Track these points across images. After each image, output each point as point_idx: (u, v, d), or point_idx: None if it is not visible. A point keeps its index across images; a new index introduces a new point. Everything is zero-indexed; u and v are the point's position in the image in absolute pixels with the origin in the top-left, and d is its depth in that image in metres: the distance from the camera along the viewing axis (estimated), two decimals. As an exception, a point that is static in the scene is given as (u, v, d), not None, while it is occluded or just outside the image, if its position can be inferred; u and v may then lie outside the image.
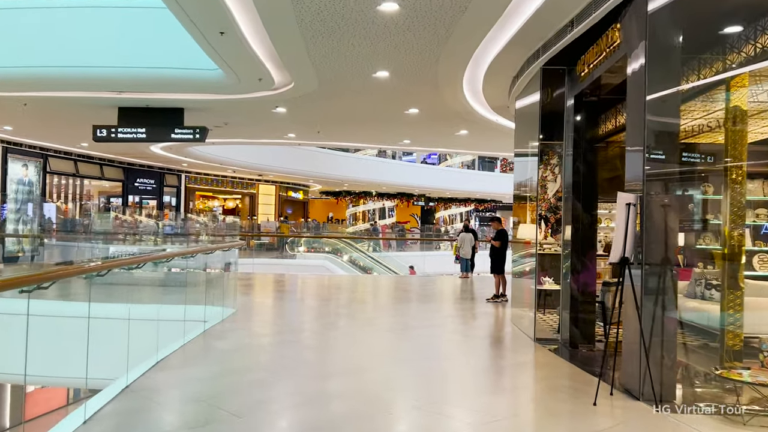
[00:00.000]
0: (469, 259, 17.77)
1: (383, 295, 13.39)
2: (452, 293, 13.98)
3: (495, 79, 9.39)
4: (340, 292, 13.64)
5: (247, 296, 12.04)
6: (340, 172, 29.85)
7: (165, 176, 27.18)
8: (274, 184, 32.92)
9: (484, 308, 11.11)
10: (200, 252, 8.34)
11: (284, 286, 14.86)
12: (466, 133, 14.58)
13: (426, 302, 12.30)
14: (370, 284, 16.23)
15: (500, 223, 12.41)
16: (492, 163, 42.73)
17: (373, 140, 16.22)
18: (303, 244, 25.85)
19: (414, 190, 37.00)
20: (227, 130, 15.30)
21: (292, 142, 17.22)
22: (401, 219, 42.54)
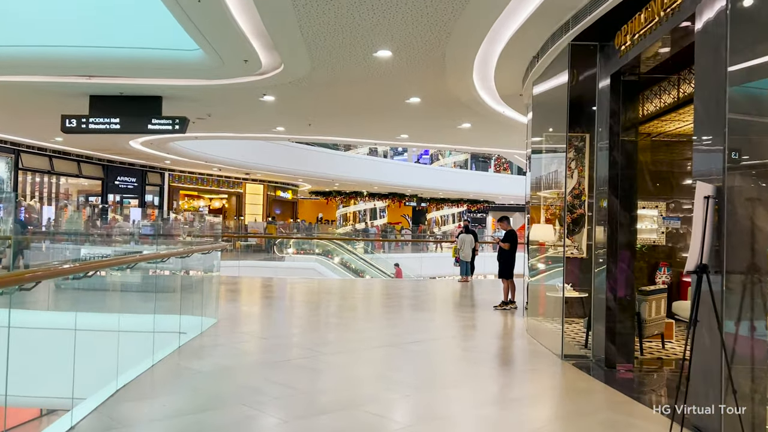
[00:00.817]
0: (469, 261, 16.79)
1: (378, 303, 12.33)
2: (453, 299, 12.94)
3: (510, 61, 8.36)
4: (331, 298, 12.55)
5: (231, 303, 10.93)
6: (331, 171, 28.76)
7: (147, 174, 25.95)
8: (261, 183, 31.76)
9: (492, 317, 10.08)
10: (173, 256, 7.21)
11: (271, 291, 13.74)
12: (468, 127, 13.55)
13: (426, 310, 11.25)
14: (363, 289, 15.15)
15: (509, 223, 11.39)
16: (486, 163, 41.83)
17: (369, 135, 15.16)
18: (292, 245, 24.72)
19: (406, 190, 35.97)
20: (211, 123, 14.18)
21: (280, 136, 16.11)
22: (392, 220, 41.50)
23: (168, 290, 8.17)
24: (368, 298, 13.07)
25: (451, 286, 15.70)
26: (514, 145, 16.24)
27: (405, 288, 15.17)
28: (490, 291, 15.25)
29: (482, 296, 13.47)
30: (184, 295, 8.07)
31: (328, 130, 14.86)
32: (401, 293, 13.64)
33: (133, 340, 6.26)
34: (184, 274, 8.40)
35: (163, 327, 7.04)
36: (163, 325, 6.95)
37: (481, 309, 11.25)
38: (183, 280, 8.27)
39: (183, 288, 8.23)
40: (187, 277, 8.70)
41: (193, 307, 8.44)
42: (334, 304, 11.58)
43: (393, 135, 15.01)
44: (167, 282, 8.15)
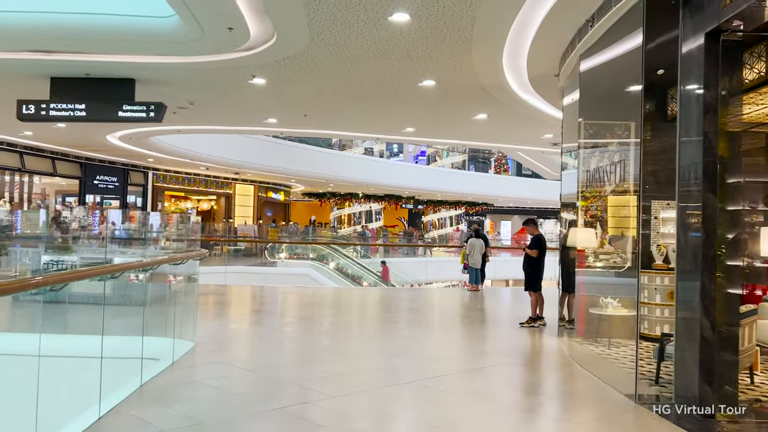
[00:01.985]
0: (479, 268, 15.29)
1: (380, 318, 10.79)
2: (467, 313, 11.41)
3: (553, 30, 6.91)
4: (326, 312, 11.01)
5: (213, 320, 9.37)
6: (326, 171, 27.22)
7: (129, 173, 24.31)
8: (252, 183, 30.17)
9: (521, 337, 8.57)
10: (128, 270, 5.67)
11: (260, 304, 12.17)
12: (484, 118, 12.07)
13: (438, 328, 9.72)
14: (362, 300, 13.61)
15: (536, 226, 9.89)
16: (486, 164, 40.43)
17: (371, 128, 13.66)
18: (284, 250, 23.13)
19: (403, 192, 34.47)
20: (194, 113, 12.63)
21: (272, 129, 14.59)
22: (388, 223, 39.98)
23: (130, 303, 6.63)
24: (369, 312, 11.54)
25: (460, 296, 14.18)
26: (531, 141, 14.79)
27: (408, 298, 13.65)
28: (506, 302, 13.69)
29: (499, 309, 11.96)
30: (151, 312, 6.51)
31: (326, 123, 13.34)
32: (405, 305, 12.11)
33: (70, 376, 4.70)
34: (160, 282, 6.89)
35: (120, 352, 5.49)
36: (119, 350, 5.40)
37: (503, 326, 9.73)
38: (151, 291, 6.73)
39: (151, 302, 6.67)
40: (157, 287, 7.15)
41: (164, 326, 6.90)
42: (330, 321, 10.03)
43: (398, 128, 13.50)
44: (128, 293, 6.62)
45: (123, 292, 6.56)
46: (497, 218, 48.88)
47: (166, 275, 7.45)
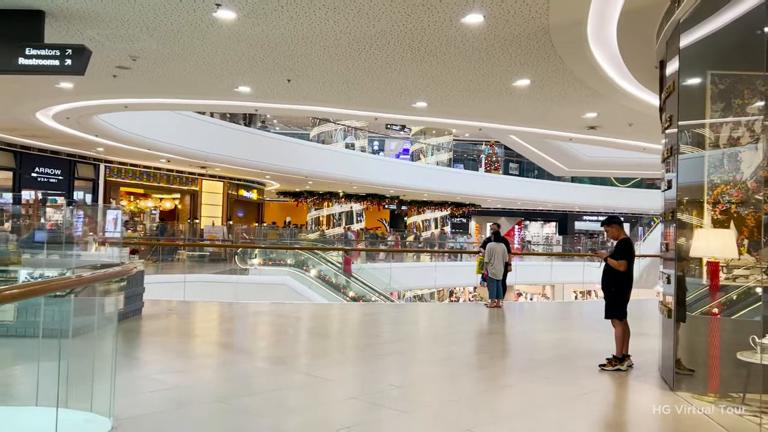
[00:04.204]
0: (500, 280, 12.46)
1: (386, 355, 7.82)
2: (500, 345, 8.52)
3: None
4: (308, 348, 8.02)
5: (146, 367, 6.29)
6: (304, 166, 24.13)
7: (77, 166, 20.93)
8: (221, 180, 26.94)
9: (611, 392, 5.73)
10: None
11: (220, 333, 9.11)
12: (527, 85, 9.21)
13: (476, 379, 6.77)
14: (353, 324, 10.63)
15: (621, 226, 7.06)
16: (476, 162, 37.79)
17: (372, 101, 10.62)
18: (258, 255, 19.99)
19: (388, 191, 31.54)
20: (141, 78, 9.55)
21: (246, 104, 11.50)
22: (370, 225, 37.02)
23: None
24: (366, 344, 8.54)
25: (479, 317, 11.29)
26: (570, 123, 11.99)
27: (413, 322, 10.74)
28: (542, 324, 10.76)
29: (541, 337, 9.06)
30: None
31: (315, 93, 10.32)
32: (414, 333, 9.21)
33: None
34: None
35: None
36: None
37: (567, 370, 6.84)
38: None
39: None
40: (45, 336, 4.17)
41: (59, 394, 3.91)
42: (315, 364, 7.02)
43: (407, 101, 10.55)
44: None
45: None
46: (483, 220, 46.34)
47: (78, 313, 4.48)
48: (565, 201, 38.82)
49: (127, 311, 9.25)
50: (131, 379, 5.84)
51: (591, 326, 10.41)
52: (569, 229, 47.42)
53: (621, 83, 9.10)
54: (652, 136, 13.47)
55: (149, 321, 9.24)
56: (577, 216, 47.59)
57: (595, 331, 9.64)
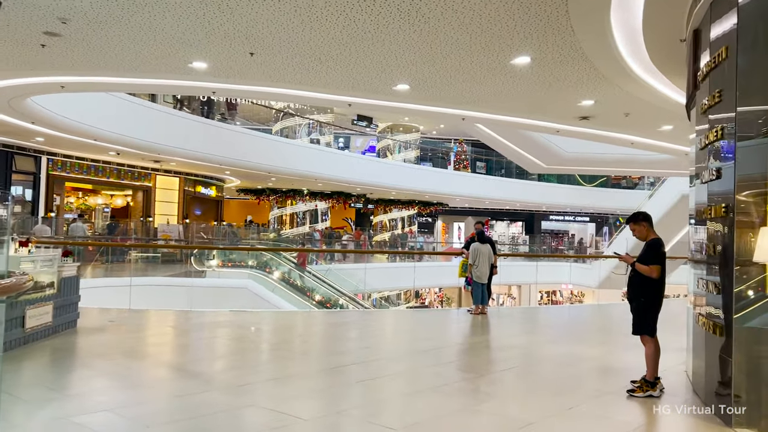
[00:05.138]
0: (486, 284, 11.35)
1: (357, 382, 6.57)
2: (495, 364, 7.35)
3: None
4: (270, 367, 6.71)
5: (66, 405, 4.82)
6: (267, 161, 22.65)
7: (15, 158, 19.03)
8: (177, 175, 25.21)
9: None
10: None
11: (170, 352, 7.71)
12: (526, 64, 8.07)
13: (476, 406, 5.57)
14: (319, 337, 9.36)
15: (651, 225, 5.96)
16: (444, 160, 36.79)
17: (347, 82, 9.29)
18: (216, 256, 18.47)
19: (355, 189, 30.24)
20: (76, 49, 8.08)
21: (202, 84, 10.05)
22: (336, 224, 35.65)
23: None
24: (337, 366, 7.26)
25: (464, 325, 10.14)
26: (564, 113, 10.92)
27: (391, 333, 9.52)
28: (543, 334, 9.46)
29: (546, 350, 7.88)
30: None
31: (283, 71, 8.97)
32: (393, 350, 7.96)
33: None
34: None
35: None
36: None
37: (591, 394, 5.71)
38: None
39: None
40: None
41: None
42: (279, 395, 5.72)
43: (387, 83, 9.29)
44: None
45: None
46: (449, 219, 45.46)
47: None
48: (533, 200, 38.19)
49: (57, 324, 7.78)
50: (44, 423, 4.46)
51: (593, 336, 9.38)
52: (536, 229, 46.92)
53: (631, 63, 8.05)
54: (645, 129, 12.56)
55: (84, 336, 7.79)
56: (543, 216, 47.16)
57: (600, 343, 8.59)
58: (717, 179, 5.17)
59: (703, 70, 5.60)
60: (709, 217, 5.30)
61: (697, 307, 5.75)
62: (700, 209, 5.57)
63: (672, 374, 6.23)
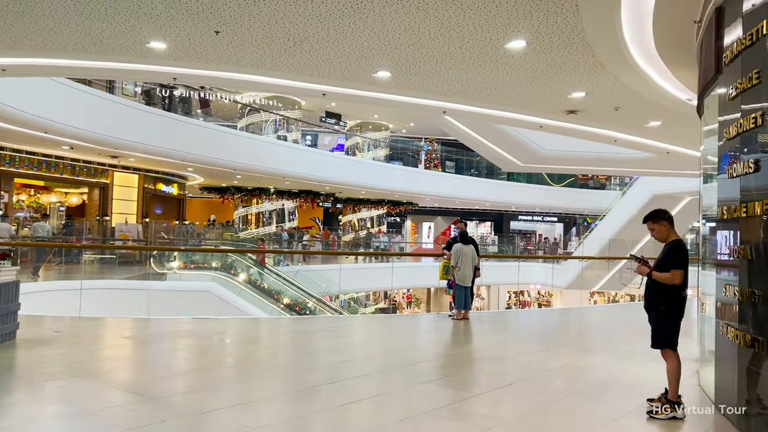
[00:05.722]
0: (469, 287, 10.67)
1: (332, 408, 5.79)
2: (497, 376, 6.64)
3: None
4: (235, 389, 5.87)
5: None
6: (232, 157, 21.62)
7: (-43, 152, 17.66)
8: (136, 172, 23.96)
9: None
10: None
11: (122, 369, 6.79)
12: (521, 48, 7.40)
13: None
14: (288, 349, 8.55)
15: (672, 224, 5.31)
16: (415, 158, 36.19)
17: (323, 68, 8.44)
18: (177, 257, 17.41)
19: (324, 187, 29.34)
20: (15, 22, 7.10)
21: (161, 69, 9.08)
22: (303, 224, 34.67)
23: None
24: (311, 389, 6.46)
25: (449, 332, 9.43)
26: (551, 105, 10.28)
27: (368, 344, 8.75)
28: (535, 342, 8.61)
29: (545, 362, 7.18)
30: None
31: (251, 54, 8.12)
32: (372, 364, 7.18)
33: None
34: None
35: None
36: None
37: (607, 418, 5.03)
38: None
39: None
40: None
41: None
42: (246, 428, 4.92)
43: (367, 69, 8.50)
44: None
45: None
46: (419, 219, 44.90)
47: None
48: (503, 200, 37.89)
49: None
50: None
51: (587, 343, 8.77)
52: (505, 229, 46.70)
53: (632, 50, 7.45)
54: (632, 125, 12.06)
55: (23, 351, 6.83)
56: (512, 216, 46.98)
57: (597, 351, 7.97)
58: (755, 172, 4.53)
59: (732, 50, 4.97)
60: (744, 216, 4.67)
61: (724, 317, 5.13)
62: (731, 206, 4.94)
63: (682, 388, 5.59)
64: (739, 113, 4.85)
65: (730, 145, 5.04)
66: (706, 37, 5.85)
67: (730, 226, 5.04)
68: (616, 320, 12.48)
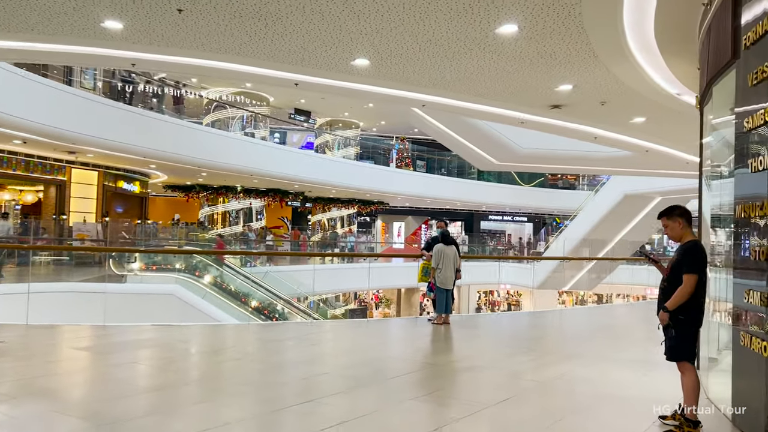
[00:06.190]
0: (450, 289, 10.15)
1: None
2: (491, 389, 6.09)
3: None
4: (200, 414, 5.20)
5: None
6: (198, 154, 20.74)
7: None
8: (96, 169, 22.83)
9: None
10: None
11: (74, 389, 6.03)
12: (513, 34, 6.87)
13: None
14: (257, 362, 7.89)
15: (689, 222, 4.82)
16: (387, 157, 35.65)
17: (296, 54, 7.77)
18: (138, 258, 16.50)
19: (293, 186, 28.56)
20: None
21: (115, 52, 8.30)
22: (271, 224, 33.78)
23: None
24: (282, 410, 5.83)
25: (429, 338, 8.88)
26: (538, 98, 9.80)
27: (345, 353, 8.14)
28: (522, 348, 8.02)
29: (537, 371, 6.65)
30: None
31: (218, 36, 7.43)
32: (352, 377, 6.58)
33: None
34: None
35: None
36: None
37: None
38: None
39: None
40: None
41: None
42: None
43: (344, 56, 7.87)
44: None
45: None
46: (389, 219, 44.37)
47: None
48: (474, 199, 37.62)
49: None
50: None
51: (577, 350, 8.29)
52: (475, 229, 46.53)
53: (629, 38, 7.00)
54: (616, 121, 11.69)
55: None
56: (483, 215, 46.83)
57: (590, 359, 7.49)
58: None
59: (756, 31, 4.50)
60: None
61: (745, 325, 4.66)
62: (757, 204, 4.47)
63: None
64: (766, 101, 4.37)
65: (752, 136, 4.58)
66: (719, 18, 5.39)
67: (752, 225, 4.57)
68: (597, 323, 12.10)
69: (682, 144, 13.66)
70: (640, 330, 10.69)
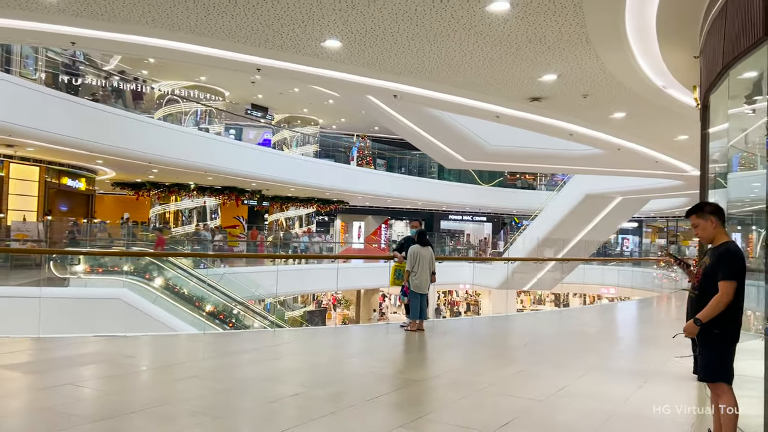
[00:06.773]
0: (426, 294, 9.45)
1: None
2: (484, 411, 5.42)
3: None
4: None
5: None
6: (148, 148, 19.50)
7: None
8: (37, 164, 21.31)
9: None
10: None
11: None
12: (504, 11, 6.19)
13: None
14: (219, 379, 7.04)
15: (722, 222, 4.20)
16: (347, 155, 34.81)
17: (259, 33, 6.90)
18: (82, 260, 15.28)
19: (250, 183, 27.47)
20: None
21: (50, 27, 7.25)
22: (227, 223, 32.51)
23: None
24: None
25: (404, 347, 8.17)
26: (517, 90, 9.17)
27: (311, 367, 7.36)
28: (507, 357, 7.30)
29: (532, 387, 5.98)
30: None
31: (171, 9, 6.54)
32: (327, 397, 5.81)
33: None
34: None
35: None
36: None
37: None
38: None
39: None
40: None
41: None
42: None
43: (313, 36, 7.06)
44: None
45: None
46: (349, 219, 43.55)
47: None
48: (435, 199, 37.16)
49: None
50: None
51: (562, 359, 7.70)
52: (435, 228, 46.12)
53: (628, 21, 6.44)
54: (596, 116, 11.21)
55: None
56: (443, 215, 46.47)
57: (580, 369, 6.89)
58: None
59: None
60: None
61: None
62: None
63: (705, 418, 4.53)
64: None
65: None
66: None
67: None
68: (573, 327, 11.61)
69: (657, 142, 13.35)
70: (614, 333, 10.24)
